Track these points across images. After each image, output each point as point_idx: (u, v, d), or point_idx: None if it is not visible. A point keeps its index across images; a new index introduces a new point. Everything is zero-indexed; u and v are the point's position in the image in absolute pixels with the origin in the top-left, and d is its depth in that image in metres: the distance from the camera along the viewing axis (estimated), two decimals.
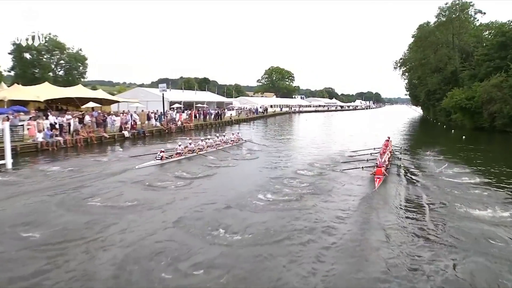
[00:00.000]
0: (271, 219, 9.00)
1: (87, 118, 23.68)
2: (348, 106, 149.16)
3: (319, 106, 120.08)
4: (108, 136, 23.95)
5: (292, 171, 14.92)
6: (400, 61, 61.76)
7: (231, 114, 48.73)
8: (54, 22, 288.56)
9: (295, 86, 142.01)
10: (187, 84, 79.81)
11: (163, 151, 16.81)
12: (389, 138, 20.07)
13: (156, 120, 30.69)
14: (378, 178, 12.75)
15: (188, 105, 50.54)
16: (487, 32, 47.02)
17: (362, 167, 15.07)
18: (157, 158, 16.20)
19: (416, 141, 30.80)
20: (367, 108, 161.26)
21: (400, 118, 69.41)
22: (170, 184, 12.41)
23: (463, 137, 29.39)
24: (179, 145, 17.76)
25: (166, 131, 30.44)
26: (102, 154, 19.13)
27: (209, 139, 20.41)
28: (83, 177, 13.05)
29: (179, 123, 33.47)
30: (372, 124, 52.06)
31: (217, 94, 73.20)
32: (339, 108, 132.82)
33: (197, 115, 39.62)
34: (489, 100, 33.98)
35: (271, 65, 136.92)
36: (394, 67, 63.70)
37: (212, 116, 42.21)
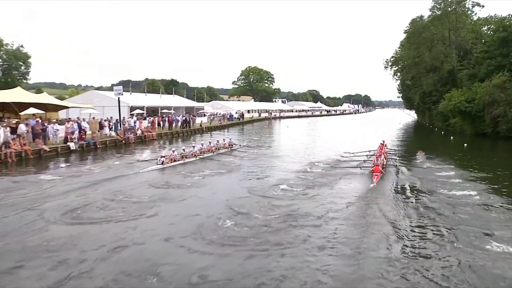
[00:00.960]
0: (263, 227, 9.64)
1: (21, 127, 21.86)
2: (335, 111, 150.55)
3: (302, 110, 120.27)
4: (48, 149, 22.17)
5: (288, 175, 16.85)
6: (391, 59, 62.32)
7: (201, 121, 47.44)
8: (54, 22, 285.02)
9: (275, 89, 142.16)
10: (151, 86, 78.03)
11: (164, 156, 18.89)
12: (383, 142, 22.78)
13: (110, 129, 29.05)
14: (376, 175, 15.20)
15: (152, 111, 48.99)
16: (486, 27, 47.74)
17: (360, 167, 17.84)
18: (158, 163, 18.28)
19: (412, 149, 30.27)
20: (355, 113, 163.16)
21: (392, 124, 69.80)
22: (117, 209, 11.25)
23: (465, 144, 29.24)
24: (173, 151, 20.03)
25: (123, 141, 28.85)
26: (37, 171, 17.47)
27: (202, 145, 22.76)
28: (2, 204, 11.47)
29: (139, 132, 31.92)
30: (363, 131, 51.64)
31: (187, 98, 71.77)
32: (324, 112, 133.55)
33: (161, 122, 38.11)
34: (491, 103, 34.11)
35: (248, 65, 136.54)
36: (385, 67, 64.34)
37: (179, 123, 40.79)
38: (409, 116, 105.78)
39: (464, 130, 40.94)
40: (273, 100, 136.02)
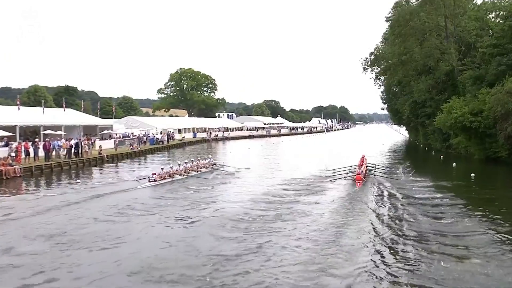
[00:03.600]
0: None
1: None
2: (302, 128, 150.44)
3: (255, 128, 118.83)
4: None
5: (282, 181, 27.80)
6: (372, 57, 61.68)
7: (100, 147, 43.88)
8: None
9: (218, 99, 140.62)
10: (32, 96, 73.48)
11: (155, 174, 26.63)
12: (363, 156, 31.93)
13: None
14: (358, 182, 24.51)
15: (33, 132, 46.64)
16: (493, 14, 48.12)
17: (344, 177, 27.62)
18: (150, 180, 26.00)
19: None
20: (328, 130, 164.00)
21: (376, 145, 68.96)
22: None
23: (472, 174, 28.76)
24: (162, 169, 28.33)
25: None
26: None
27: (186, 163, 30.88)
28: None
29: None
30: (336, 158, 50.42)
31: (93, 112, 68.08)
32: (285, 130, 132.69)
33: (33, 150, 34.43)
34: (504, 115, 33.61)
35: (181, 67, 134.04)
36: (364, 68, 63.59)
37: (63, 150, 37.21)
38: (399, 134, 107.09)
39: (470, 154, 40.84)
40: (216, 114, 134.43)
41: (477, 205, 19.34)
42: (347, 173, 28.08)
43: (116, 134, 58.17)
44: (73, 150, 38.26)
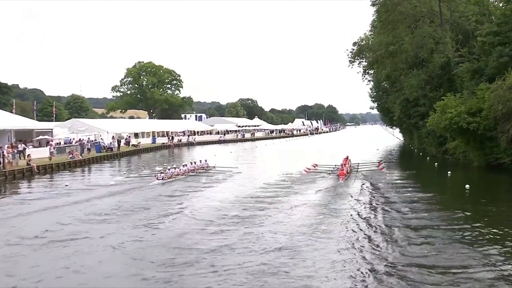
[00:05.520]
0: None
1: None
2: (283, 130, 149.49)
3: (226, 131, 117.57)
4: None
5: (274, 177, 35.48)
6: (356, 48, 60.59)
7: (28, 156, 42.12)
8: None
9: (184, 98, 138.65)
10: None
11: (163, 172, 34.31)
12: (347, 156, 39.69)
13: None
14: (341, 177, 33.01)
15: None
16: None
17: (329, 173, 36.35)
18: (158, 178, 33.20)
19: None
20: (312, 133, 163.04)
21: (366, 150, 68.11)
22: None
23: (466, 186, 28.16)
24: (168, 169, 35.53)
25: None
26: None
27: (186, 165, 38.54)
28: None
29: None
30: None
31: (31, 114, 66.21)
32: (261, 134, 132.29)
33: None
34: (506, 115, 33.15)
35: (139, 60, 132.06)
36: (350, 61, 62.31)
37: None
38: (394, 137, 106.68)
39: (469, 160, 40.70)
40: (183, 116, 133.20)
41: (463, 227, 18.24)
42: (332, 170, 36.84)
43: (52, 141, 56.15)
44: None
